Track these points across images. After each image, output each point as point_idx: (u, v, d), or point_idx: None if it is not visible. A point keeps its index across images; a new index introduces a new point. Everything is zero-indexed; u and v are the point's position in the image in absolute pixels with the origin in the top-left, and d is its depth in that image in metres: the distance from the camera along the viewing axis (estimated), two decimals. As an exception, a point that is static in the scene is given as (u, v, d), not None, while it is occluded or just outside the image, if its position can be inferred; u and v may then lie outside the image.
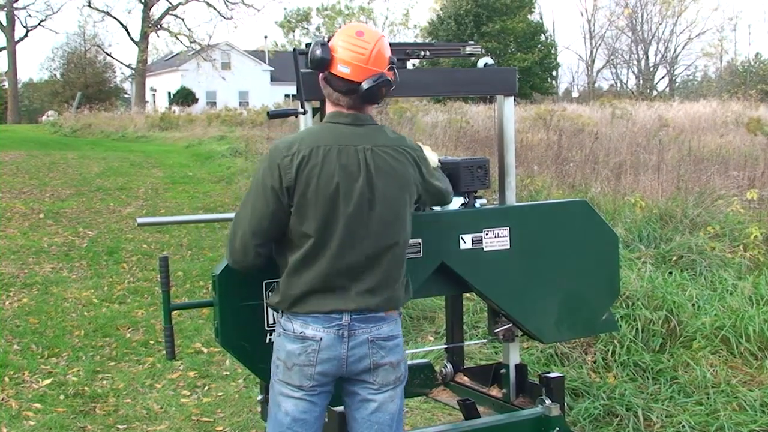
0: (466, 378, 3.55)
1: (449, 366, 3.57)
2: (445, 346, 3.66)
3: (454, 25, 47.71)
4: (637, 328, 4.77)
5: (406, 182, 2.41)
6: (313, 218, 2.32)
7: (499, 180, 3.27)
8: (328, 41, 2.41)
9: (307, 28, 68.68)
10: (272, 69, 54.09)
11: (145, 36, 45.64)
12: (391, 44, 2.53)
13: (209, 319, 5.73)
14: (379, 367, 2.41)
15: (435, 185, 2.58)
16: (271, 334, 2.74)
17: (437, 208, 3.02)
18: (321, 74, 2.43)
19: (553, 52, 52.93)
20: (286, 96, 45.24)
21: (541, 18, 53.94)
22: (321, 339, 2.36)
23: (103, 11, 48.05)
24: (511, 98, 3.22)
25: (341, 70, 2.36)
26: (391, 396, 2.45)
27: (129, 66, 49.91)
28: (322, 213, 2.32)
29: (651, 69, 58.00)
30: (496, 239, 3.04)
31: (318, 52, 2.37)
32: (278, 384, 2.44)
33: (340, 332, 2.36)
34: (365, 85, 2.36)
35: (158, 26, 46.01)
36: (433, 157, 2.84)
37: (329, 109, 2.46)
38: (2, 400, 4.66)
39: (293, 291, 2.38)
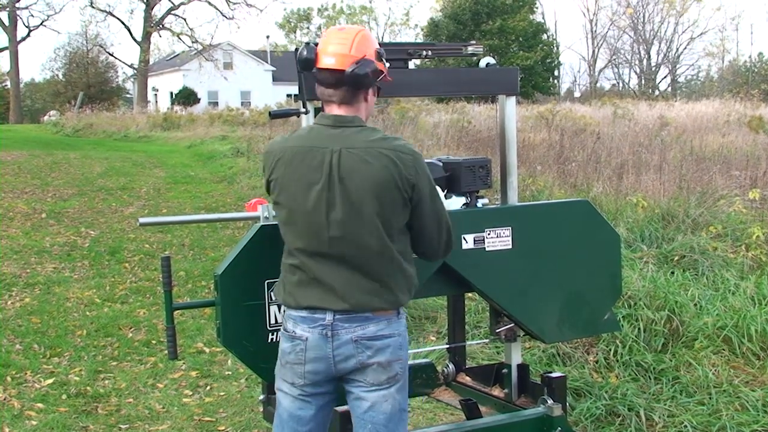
0: (468, 378, 3.55)
1: (451, 366, 3.58)
2: (447, 345, 3.66)
3: (454, 24, 47.66)
4: (639, 328, 4.77)
5: (377, 184, 2.32)
6: (282, 215, 2.45)
7: (501, 180, 3.28)
8: (316, 45, 2.46)
9: (308, 29, 68.73)
10: (274, 69, 54.07)
11: (147, 36, 45.65)
12: (392, 44, 2.57)
13: (211, 319, 5.73)
14: (367, 367, 2.41)
15: (434, 207, 2.43)
16: (272, 334, 2.77)
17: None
18: (314, 76, 2.47)
19: (555, 51, 52.91)
20: (288, 96, 45.26)
21: (543, 17, 53.99)
22: (307, 339, 2.42)
23: (105, 11, 48.17)
24: (513, 98, 3.23)
25: (326, 61, 2.39)
26: (385, 396, 2.43)
27: (131, 66, 49.92)
28: (287, 210, 2.42)
29: (653, 69, 58.02)
30: (498, 239, 3.04)
31: (304, 52, 2.44)
32: (277, 380, 2.54)
33: (324, 332, 2.40)
34: (348, 70, 2.37)
35: (160, 26, 45.98)
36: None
37: (324, 110, 2.49)
38: (4, 399, 4.67)
39: (283, 282, 2.48)
